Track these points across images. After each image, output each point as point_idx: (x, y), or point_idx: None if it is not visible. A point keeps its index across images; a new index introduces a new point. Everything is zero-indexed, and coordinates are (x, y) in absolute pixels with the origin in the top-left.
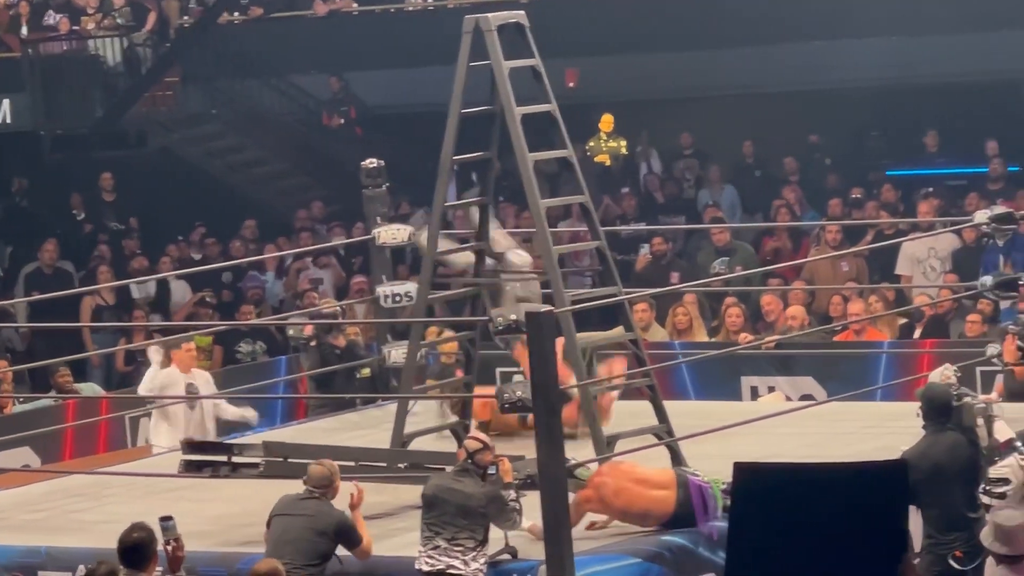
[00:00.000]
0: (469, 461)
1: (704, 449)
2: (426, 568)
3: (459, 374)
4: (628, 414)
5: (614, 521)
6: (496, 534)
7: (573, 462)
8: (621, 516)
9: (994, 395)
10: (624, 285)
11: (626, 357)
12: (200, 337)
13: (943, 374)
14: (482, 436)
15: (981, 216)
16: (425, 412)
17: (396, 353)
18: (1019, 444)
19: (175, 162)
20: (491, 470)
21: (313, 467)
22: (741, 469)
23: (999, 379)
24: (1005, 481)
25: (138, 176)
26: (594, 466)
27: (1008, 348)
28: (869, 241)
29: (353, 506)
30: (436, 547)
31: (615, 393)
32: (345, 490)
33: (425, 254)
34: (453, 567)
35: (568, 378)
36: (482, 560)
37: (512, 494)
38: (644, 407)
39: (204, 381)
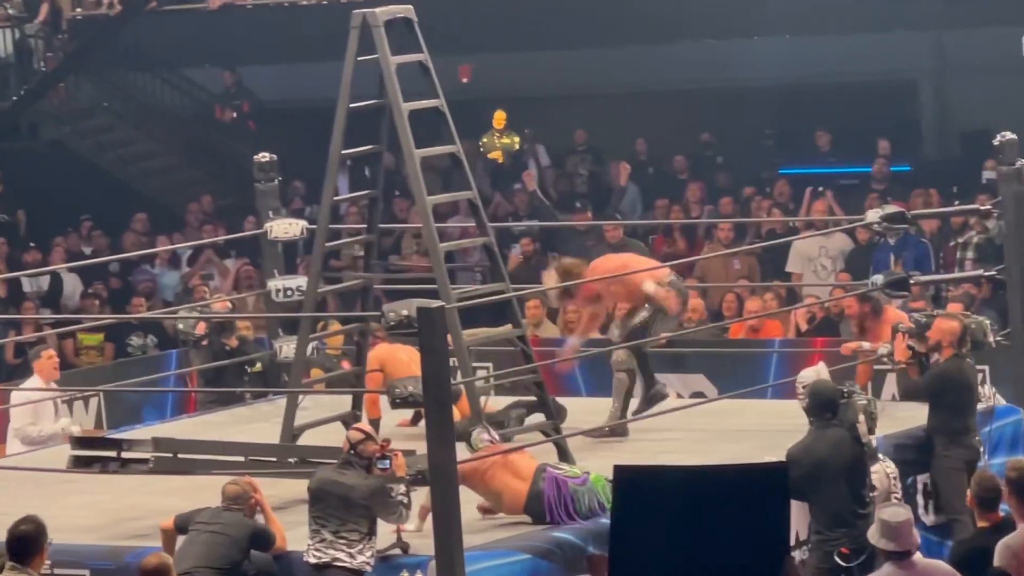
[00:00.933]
0: (352, 453)
1: (593, 446)
2: (313, 560)
3: (345, 366)
4: None
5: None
6: (387, 528)
7: (469, 428)
8: (481, 494)
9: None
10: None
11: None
12: (88, 336)
13: (818, 372)
14: (365, 427)
15: (873, 215)
16: (315, 406)
17: (287, 348)
18: (881, 454)
19: (66, 155)
20: (384, 464)
21: (227, 485)
22: (621, 472)
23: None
24: (871, 487)
25: (29, 168)
26: (485, 436)
27: (899, 347)
28: (761, 239)
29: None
30: (322, 540)
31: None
32: None
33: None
34: (339, 559)
35: None
36: (368, 553)
37: (402, 488)
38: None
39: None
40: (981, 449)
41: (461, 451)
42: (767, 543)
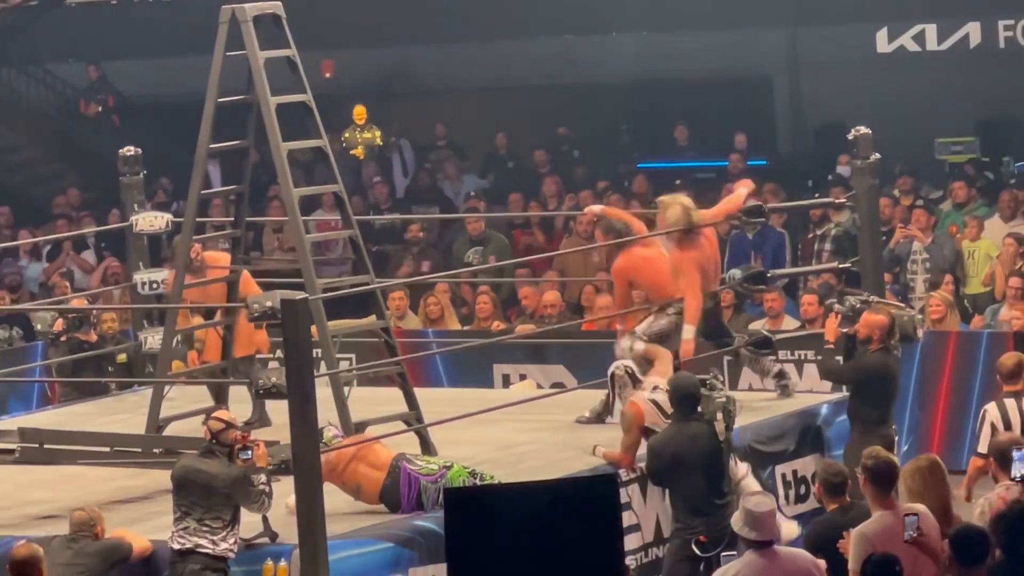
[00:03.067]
0: (213, 441)
1: (455, 436)
2: (176, 547)
3: (192, 357)
4: (381, 400)
5: None
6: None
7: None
8: (341, 488)
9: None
10: (380, 275)
11: None
12: None
13: (624, 365)
14: (225, 415)
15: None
16: (181, 397)
17: (152, 339)
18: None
19: None
20: (246, 455)
21: (76, 513)
22: (451, 496)
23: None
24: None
25: None
26: (335, 432)
27: (830, 326)
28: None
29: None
30: (186, 527)
31: None
32: (93, 476)
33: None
34: (201, 546)
35: None
36: (232, 540)
37: (263, 478)
38: (396, 394)
39: None
40: (896, 438)
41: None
42: (601, 555)
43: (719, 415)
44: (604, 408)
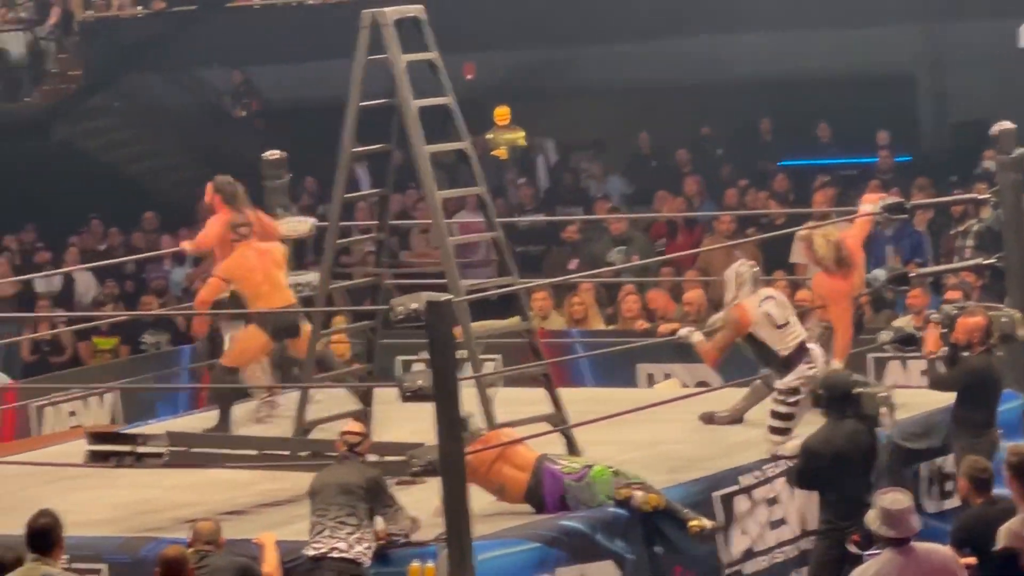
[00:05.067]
0: (350, 451)
1: (600, 436)
2: (311, 553)
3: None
4: (525, 401)
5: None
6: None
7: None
8: (484, 487)
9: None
10: (524, 276)
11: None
12: (102, 340)
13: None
14: (358, 427)
15: (878, 204)
16: (327, 400)
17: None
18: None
19: (77, 154)
20: None
21: (201, 524)
22: None
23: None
24: (796, 391)
25: (39, 168)
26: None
27: (930, 337)
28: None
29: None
30: (321, 531)
31: None
32: (238, 480)
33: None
34: (337, 548)
35: None
36: (365, 544)
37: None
38: (541, 395)
39: None
40: (1000, 442)
41: None
42: None
43: (883, 408)
44: (744, 406)
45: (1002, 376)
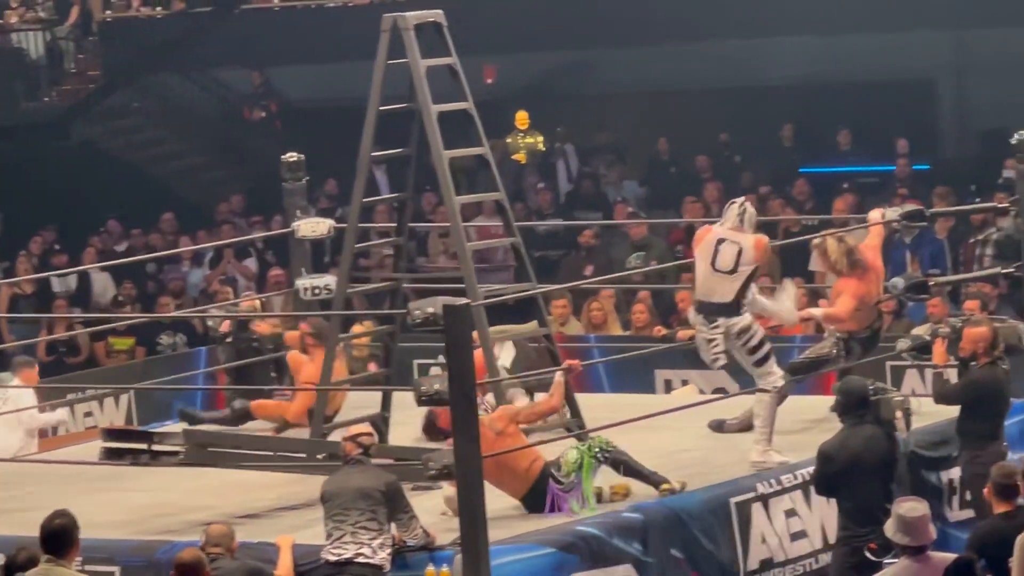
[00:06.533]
0: (363, 454)
1: (617, 441)
2: (332, 558)
3: (371, 367)
4: None
5: None
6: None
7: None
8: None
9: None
10: (543, 280)
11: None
12: (119, 340)
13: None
14: (368, 428)
15: (892, 213)
16: (344, 404)
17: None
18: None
19: (96, 155)
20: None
21: (213, 527)
22: None
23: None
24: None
25: (59, 168)
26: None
27: (938, 351)
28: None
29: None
30: (341, 536)
31: None
32: (256, 483)
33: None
34: (362, 554)
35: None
36: (387, 551)
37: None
38: None
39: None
40: (1008, 453)
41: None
42: None
43: (899, 413)
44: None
45: (1008, 388)
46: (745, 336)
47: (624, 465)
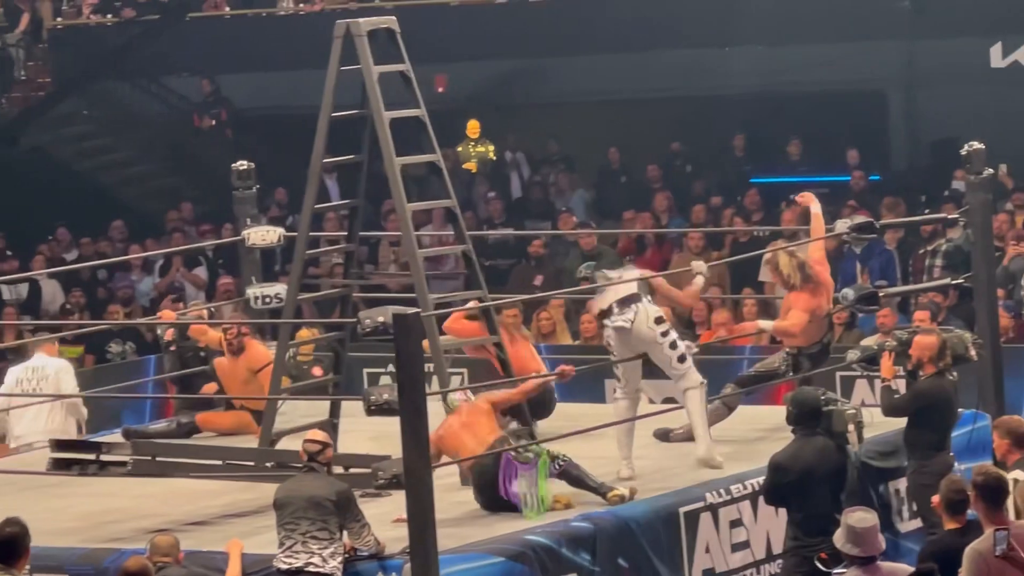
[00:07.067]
0: (311, 461)
1: (567, 451)
2: (283, 567)
3: (316, 372)
4: None
5: None
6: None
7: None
8: (444, 450)
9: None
10: (493, 289)
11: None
12: (68, 348)
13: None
14: (320, 436)
15: (842, 225)
16: (292, 411)
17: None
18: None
19: (46, 162)
20: None
21: (159, 537)
22: None
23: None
24: (661, 319)
25: (8, 175)
26: (460, 396)
27: (885, 365)
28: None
29: None
30: (292, 546)
31: None
32: (204, 490)
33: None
34: (312, 563)
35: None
36: (338, 559)
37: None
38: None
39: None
40: (955, 464)
41: None
42: None
43: (851, 426)
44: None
45: (956, 399)
46: (663, 326)
47: (575, 479)
